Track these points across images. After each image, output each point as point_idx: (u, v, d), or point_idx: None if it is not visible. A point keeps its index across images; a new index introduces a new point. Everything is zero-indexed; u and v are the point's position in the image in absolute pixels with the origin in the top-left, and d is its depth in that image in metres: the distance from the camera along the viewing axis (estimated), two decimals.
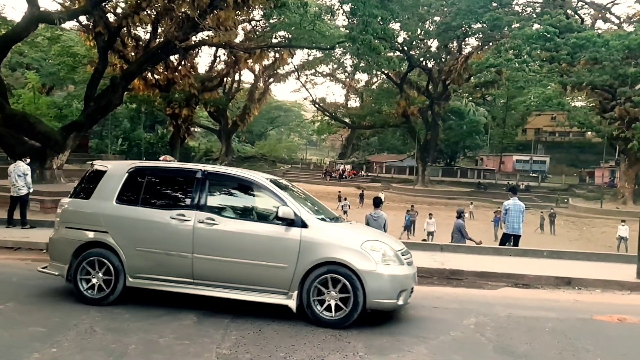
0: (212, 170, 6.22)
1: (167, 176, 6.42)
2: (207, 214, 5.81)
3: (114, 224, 6.00)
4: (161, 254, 5.82)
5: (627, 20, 43.65)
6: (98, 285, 5.91)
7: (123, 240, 5.92)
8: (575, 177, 62.88)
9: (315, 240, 5.55)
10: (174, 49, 24.85)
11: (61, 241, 6.21)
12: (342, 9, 33.83)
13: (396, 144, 77.57)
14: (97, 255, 5.96)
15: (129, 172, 6.24)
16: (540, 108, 60.70)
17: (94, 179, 6.40)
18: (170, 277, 5.81)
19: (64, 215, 6.31)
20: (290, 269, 5.52)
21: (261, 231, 5.72)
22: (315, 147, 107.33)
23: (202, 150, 76.30)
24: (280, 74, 63.37)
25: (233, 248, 5.68)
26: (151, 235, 5.90)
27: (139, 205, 6.07)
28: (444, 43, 49.78)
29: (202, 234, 5.74)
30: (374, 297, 5.39)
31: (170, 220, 5.85)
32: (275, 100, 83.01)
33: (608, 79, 34.49)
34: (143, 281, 5.88)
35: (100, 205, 6.11)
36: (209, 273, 5.72)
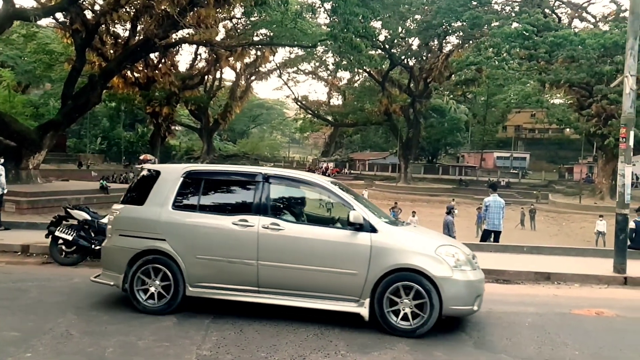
0: (272, 172, 5.94)
1: (225, 179, 6.14)
2: (271, 219, 5.55)
3: (172, 231, 5.69)
4: (224, 261, 5.55)
5: (603, 19, 44.44)
6: (157, 294, 5.65)
7: (182, 248, 5.63)
8: (555, 173, 63.90)
9: (387, 245, 5.34)
10: (154, 46, 24.57)
11: (115, 250, 5.90)
12: (323, 7, 33.80)
13: (379, 142, 77.93)
14: (154, 263, 5.68)
15: (183, 176, 5.94)
16: (520, 105, 61.60)
17: (145, 183, 6.10)
18: (233, 286, 5.55)
19: (117, 222, 6.00)
20: (362, 275, 5.29)
21: (328, 236, 5.49)
22: (298, 145, 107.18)
23: (183, 148, 75.62)
24: (262, 72, 63.13)
25: (300, 254, 5.43)
26: (212, 242, 5.62)
27: (197, 211, 5.79)
28: (425, 41, 50.10)
29: (267, 240, 5.48)
30: (451, 303, 5.20)
31: (232, 226, 5.56)
32: (257, 98, 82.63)
33: (585, 77, 35.08)
34: (204, 290, 5.60)
35: (156, 212, 5.78)
36: (275, 281, 5.47)
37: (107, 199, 18.53)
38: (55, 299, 6.25)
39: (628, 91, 9.84)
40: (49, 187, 19.52)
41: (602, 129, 35.63)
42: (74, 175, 35.98)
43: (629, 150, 9.75)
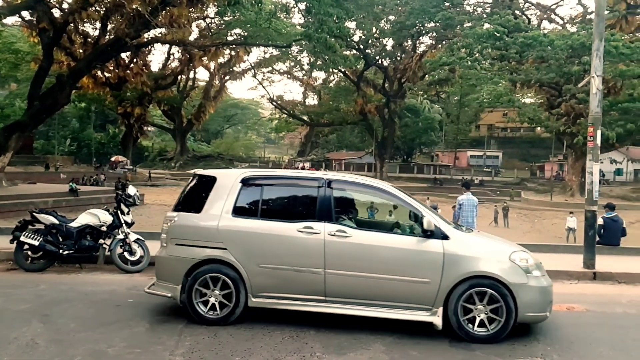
0: (335, 177, 5.74)
1: (284, 184, 5.91)
2: (337, 225, 5.37)
3: (233, 239, 5.45)
4: (289, 270, 5.31)
5: (570, 21, 45.68)
6: (218, 304, 5.43)
7: (244, 257, 5.39)
8: (527, 171, 65.27)
9: (460, 252, 5.21)
10: (125, 46, 24.14)
11: (171, 260, 5.58)
12: (298, 7, 33.69)
13: (354, 141, 78.25)
14: (215, 273, 5.43)
15: (242, 182, 5.68)
16: (492, 105, 62.71)
17: (200, 189, 5.82)
18: (299, 295, 5.34)
19: (173, 231, 5.64)
20: (435, 283, 5.15)
21: (398, 244, 5.34)
22: (273, 145, 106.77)
23: (156, 149, 74.57)
24: (237, 72, 62.75)
25: (369, 262, 5.26)
26: (276, 251, 5.39)
27: (258, 218, 5.54)
28: (399, 42, 50.57)
29: (334, 248, 5.27)
30: (527, 310, 5.12)
31: (297, 234, 5.34)
32: (232, 98, 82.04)
33: (554, 77, 35.93)
34: (268, 300, 5.38)
35: (215, 219, 5.51)
36: (344, 290, 5.28)
37: (77, 202, 18.13)
38: (20, 307, 6.02)
39: (595, 91, 10.07)
40: (15, 190, 18.97)
41: (571, 128, 36.54)
42: (41, 177, 35.04)
43: (596, 148, 9.97)
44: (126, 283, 7.37)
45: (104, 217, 8.42)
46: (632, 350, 5.12)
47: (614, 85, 35.91)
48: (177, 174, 58.87)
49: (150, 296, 6.61)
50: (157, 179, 51.64)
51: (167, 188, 45.62)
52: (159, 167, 64.80)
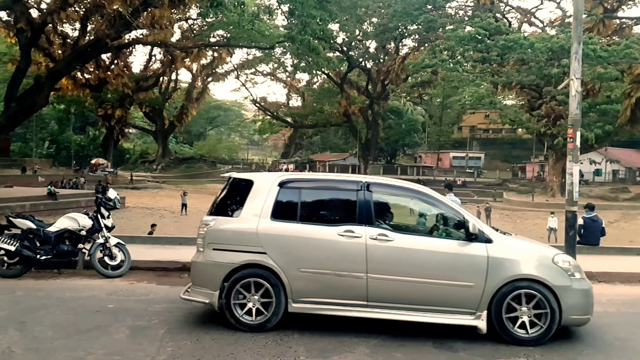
0: (374, 180, 5.68)
1: (323, 188, 5.84)
2: (378, 229, 5.30)
3: (273, 244, 5.34)
4: (330, 275, 5.23)
5: (550, 24, 46.49)
6: (256, 310, 5.31)
7: (284, 261, 5.28)
8: (509, 172, 66.07)
9: (504, 255, 5.19)
10: (106, 47, 23.83)
11: (209, 265, 5.43)
12: (281, 9, 33.69)
13: (339, 143, 78.38)
14: (254, 278, 5.31)
15: (280, 185, 5.57)
16: (474, 106, 63.30)
17: (237, 192, 5.72)
18: (340, 300, 5.25)
19: (211, 235, 5.49)
20: (479, 287, 5.12)
21: (440, 247, 5.30)
22: (257, 146, 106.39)
23: (138, 152, 73.78)
24: (219, 73, 62.45)
25: (412, 266, 5.21)
26: (317, 255, 5.29)
27: (297, 221, 5.44)
28: (382, 44, 50.85)
29: (376, 252, 5.22)
30: (571, 313, 5.13)
31: (338, 238, 5.26)
32: (214, 100, 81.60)
33: (535, 79, 36.47)
34: (308, 306, 5.28)
35: (254, 223, 5.39)
36: (386, 294, 5.22)
37: (55, 206, 17.78)
38: None
39: (574, 93, 10.21)
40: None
41: (551, 129, 37.11)
42: (19, 181, 34.33)
43: (576, 149, 10.11)
44: (106, 288, 7.23)
45: (83, 221, 8.26)
46: (612, 349, 5.18)
47: (593, 88, 36.64)
48: (158, 177, 58.28)
49: (130, 301, 6.56)
50: (139, 181, 51.04)
51: (148, 191, 45.11)
52: (140, 170, 64.06)
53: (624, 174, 60.15)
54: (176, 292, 7.01)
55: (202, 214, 22.28)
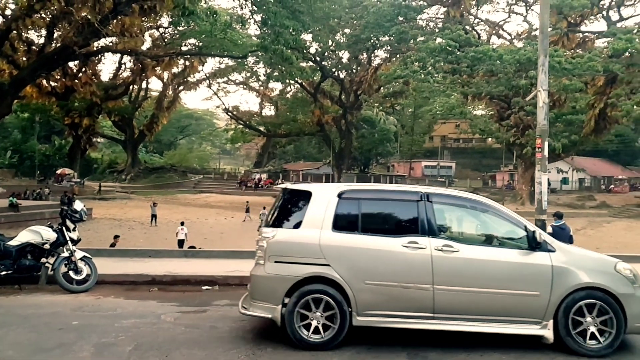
0: (433, 191, 5.66)
1: (383, 199, 5.74)
2: (443, 240, 5.26)
3: (336, 256, 5.21)
4: (396, 287, 5.15)
5: (517, 36, 47.79)
6: (322, 326, 5.11)
7: (349, 274, 5.15)
8: (479, 181, 67.29)
9: (567, 264, 5.22)
10: (73, 54, 23.31)
11: (271, 278, 5.25)
12: (254, 19, 33.66)
13: (312, 152, 78.39)
14: (317, 291, 5.15)
15: (339, 196, 5.47)
16: (445, 116, 64.36)
17: (295, 204, 5.62)
18: (406, 313, 5.17)
19: (273, 247, 5.32)
20: (544, 296, 5.13)
21: (505, 257, 5.27)
22: (229, 156, 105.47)
23: (106, 161, 72.19)
24: (191, 82, 61.82)
25: (477, 277, 5.18)
26: (383, 266, 5.20)
27: (359, 233, 5.34)
28: (355, 54, 51.30)
29: (442, 263, 5.17)
30: (636, 321, 5.12)
31: (402, 249, 5.20)
32: (186, 109, 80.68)
33: (503, 90, 37.36)
34: (373, 319, 5.17)
35: (315, 235, 5.27)
36: (452, 306, 5.18)
37: (17, 218, 17.14)
38: None
39: (541, 104, 10.44)
40: None
41: (520, 139, 37.98)
42: None
43: (544, 159, 10.31)
44: (71, 304, 6.95)
45: (47, 234, 7.95)
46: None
47: (559, 99, 37.73)
48: (128, 187, 57.08)
49: (96, 317, 6.31)
50: (107, 192, 49.90)
51: (117, 201, 44.14)
52: (109, 180, 62.63)
53: (589, 182, 62.10)
54: (145, 307, 6.83)
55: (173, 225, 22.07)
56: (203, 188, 61.35)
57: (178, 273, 8.61)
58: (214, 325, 5.97)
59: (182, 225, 21.74)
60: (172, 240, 21.26)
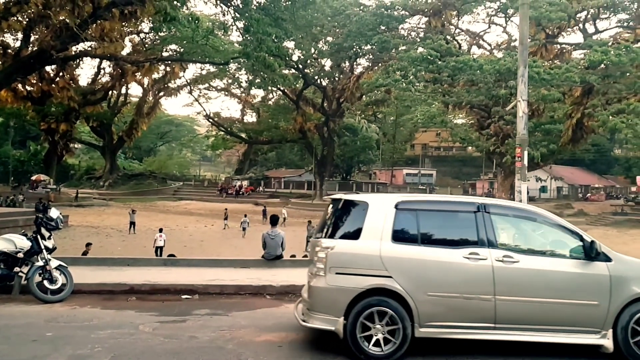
0: (490, 202, 5.77)
1: (440, 210, 5.77)
2: (502, 251, 5.29)
3: (398, 267, 5.21)
4: (458, 298, 5.18)
5: (497, 47, 48.62)
6: (382, 339, 5.06)
7: (411, 285, 5.15)
8: (460, 189, 68.00)
9: (625, 274, 5.29)
10: (50, 59, 22.86)
11: (333, 290, 5.21)
12: (236, 26, 33.55)
13: (294, 159, 78.28)
14: (379, 303, 5.12)
15: (396, 207, 5.47)
16: (426, 125, 64.86)
17: (351, 215, 5.59)
18: (467, 323, 5.18)
19: (333, 259, 5.28)
20: (603, 306, 5.18)
21: (564, 267, 5.34)
22: (209, 162, 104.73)
23: (83, 167, 71.03)
24: (172, 88, 61.36)
25: (537, 287, 5.24)
26: (444, 278, 5.23)
27: (418, 244, 5.34)
28: (337, 63, 51.52)
29: (503, 274, 5.20)
30: None
31: (463, 260, 5.23)
32: (166, 115, 79.98)
33: (483, 99, 37.86)
34: (435, 330, 5.17)
35: (375, 246, 5.26)
36: (514, 316, 5.22)
37: None
38: None
39: (521, 114, 10.59)
40: None
41: (500, 148, 38.47)
42: None
43: (523, 168, 10.44)
44: (45, 314, 6.73)
45: (20, 242, 7.71)
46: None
47: (537, 108, 38.38)
48: (106, 194, 56.18)
49: (71, 328, 6.12)
50: (84, 199, 49.02)
51: (94, 208, 43.38)
52: (86, 187, 61.59)
53: (567, 190, 63.28)
54: (122, 317, 6.66)
55: (152, 233, 21.72)
56: (183, 195, 60.74)
57: (157, 282, 8.43)
58: (194, 335, 5.85)
59: (161, 231, 21.62)
60: (151, 248, 20.95)
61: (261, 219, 36.07)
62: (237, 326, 6.28)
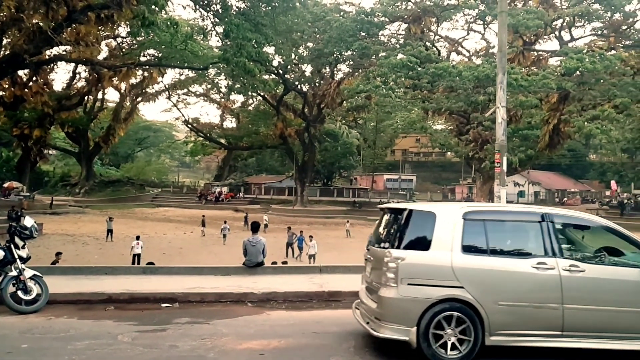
0: (554, 212, 5.86)
1: (506, 220, 5.87)
2: (569, 260, 5.44)
3: (469, 278, 5.32)
4: (528, 307, 5.31)
5: (475, 53, 49.37)
6: (451, 345, 5.22)
7: (482, 295, 5.27)
8: (439, 194, 68.63)
9: None
10: (23, 63, 22.36)
11: (405, 300, 5.29)
12: (215, 31, 33.34)
13: (275, 165, 78.01)
14: (452, 313, 5.23)
15: (464, 218, 5.55)
16: (406, 131, 65.57)
17: (418, 225, 5.63)
18: (536, 332, 5.32)
19: (405, 270, 5.35)
20: None
21: (629, 276, 5.44)
22: (188, 169, 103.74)
23: (58, 174, 69.61)
24: (150, 93, 60.67)
25: (604, 295, 5.38)
26: (514, 288, 5.36)
27: (487, 254, 5.45)
28: (318, 68, 51.58)
29: (570, 283, 5.35)
30: None
31: (532, 270, 5.35)
32: (144, 120, 79.07)
33: (462, 106, 38.38)
34: (505, 338, 5.29)
35: (447, 257, 5.37)
36: (581, 324, 5.35)
37: None
38: None
39: (500, 121, 10.71)
40: None
41: (478, 153, 39.00)
42: None
43: (503, 174, 10.54)
44: (19, 326, 6.51)
45: None
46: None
47: (515, 114, 39.05)
48: (82, 201, 55.08)
49: (47, 339, 5.92)
50: (59, 206, 47.96)
51: (70, 216, 42.48)
52: (61, 194, 60.29)
53: (544, 195, 64.37)
54: (100, 327, 6.48)
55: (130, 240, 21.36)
56: (161, 202, 59.96)
57: (136, 290, 8.24)
58: (174, 344, 5.74)
59: (138, 239, 21.33)
60: (129, 256, 20.58)
61: (242, 226, 35.76)
62: (219, 334, 6.18)
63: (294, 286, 8.77)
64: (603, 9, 40.11)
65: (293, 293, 8.41)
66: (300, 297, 8.27)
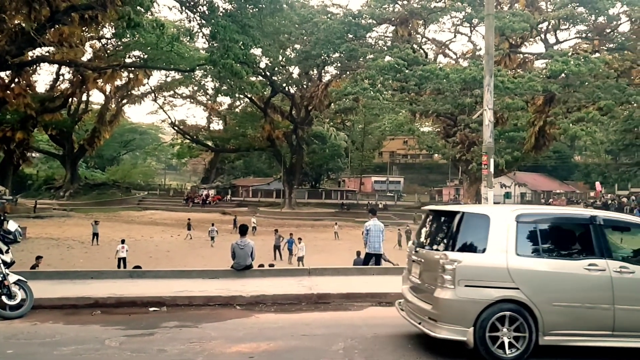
0: (602, 215, 5.99)
1: (557, 222, 6.10)
2: (619, 262, 5.61)
3: (525, 279, 5.46)
4: (580, 307, 5.48)
5: (462, 56, 49.71)
6: (508, 345, 5.34)
7: (537, 296, 5.42)
8: (427, 196, 68.90)
9: None
10: (5, 64, 22.02)
11: (462, 302, 5.40)
12: (202, 32, 33.15)
13: (262, 167, 77.76)
14: (508, 314, 5.36)
15: (517, 220, 5.67)
16: (394, 133, 65.82)
17: (471, 227, 5.75)
18: (588, 331, 5.49)
19: (462, 272, 5.45)
20: None
21: None
22: (175, 171, 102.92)
23: (42, 177, 68.66)
24: (135, 95, 60.16)
25: None
26: (567, 289, 5.52)
27: (540, 256, 5.63)
28: (305, 70, 51.58)
29: (621, 284, 5.52)
30: None
31: (584, 271, 5.51)
32: (130, 123, 78.31)
33: (450, 108, 38.62)
34: (558, 338, 5.46)
35: (502, 259, 5.49)
36: (631, 324, 5.54)
37: None
38: None
39: (487, 123, 10.77)
40: None
41: (465, 155, 39.28)
42: None
43: (490, 175, 10.61)
44: (4, 331, 6.39)
45: None
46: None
47: (502, 116, 39.42)
48: (66, 204, 54.34)
49: (32, 345, 5.82)
50: (43, 209, 47.28)
51: (54, 220, 41.90)
52: (45, 197, 59.41)
53: (530, 196, 64.98)
54: (87, 332, 6.37)
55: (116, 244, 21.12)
56: (148, 205, 59.41)
57: (123, 294, 8.12)
58: (162, 348, 5.67)
59: (123, 242, 21.20)
60: (115, 260, 20.36)
61: (232, 229, 35.61)
62: (207, 338, 6.12)
63: (282, 289, 8.72)
64: (587, 12, 40.66)
65: (282, 295, 8.36)
66: (289, 299, 8.22)
